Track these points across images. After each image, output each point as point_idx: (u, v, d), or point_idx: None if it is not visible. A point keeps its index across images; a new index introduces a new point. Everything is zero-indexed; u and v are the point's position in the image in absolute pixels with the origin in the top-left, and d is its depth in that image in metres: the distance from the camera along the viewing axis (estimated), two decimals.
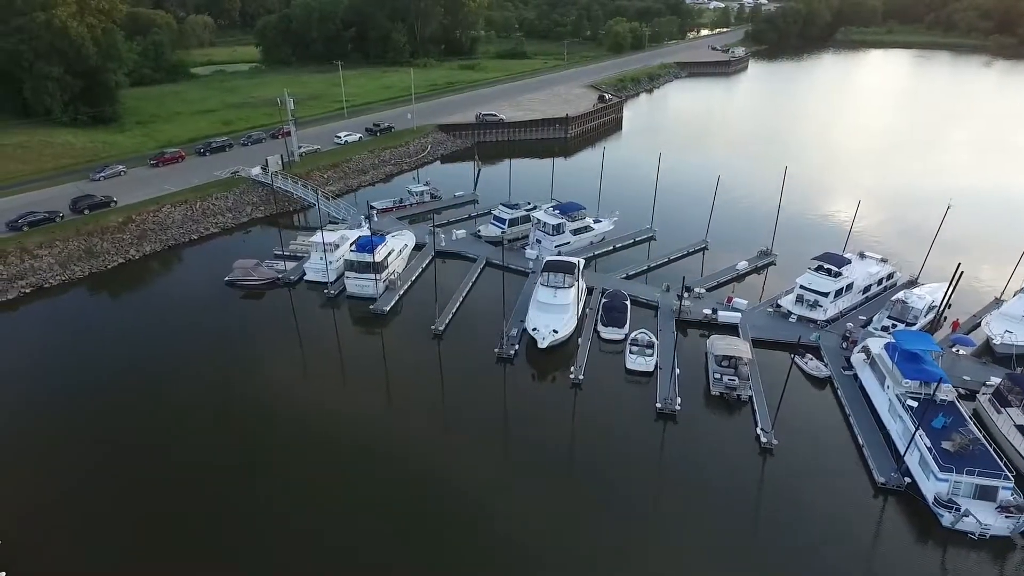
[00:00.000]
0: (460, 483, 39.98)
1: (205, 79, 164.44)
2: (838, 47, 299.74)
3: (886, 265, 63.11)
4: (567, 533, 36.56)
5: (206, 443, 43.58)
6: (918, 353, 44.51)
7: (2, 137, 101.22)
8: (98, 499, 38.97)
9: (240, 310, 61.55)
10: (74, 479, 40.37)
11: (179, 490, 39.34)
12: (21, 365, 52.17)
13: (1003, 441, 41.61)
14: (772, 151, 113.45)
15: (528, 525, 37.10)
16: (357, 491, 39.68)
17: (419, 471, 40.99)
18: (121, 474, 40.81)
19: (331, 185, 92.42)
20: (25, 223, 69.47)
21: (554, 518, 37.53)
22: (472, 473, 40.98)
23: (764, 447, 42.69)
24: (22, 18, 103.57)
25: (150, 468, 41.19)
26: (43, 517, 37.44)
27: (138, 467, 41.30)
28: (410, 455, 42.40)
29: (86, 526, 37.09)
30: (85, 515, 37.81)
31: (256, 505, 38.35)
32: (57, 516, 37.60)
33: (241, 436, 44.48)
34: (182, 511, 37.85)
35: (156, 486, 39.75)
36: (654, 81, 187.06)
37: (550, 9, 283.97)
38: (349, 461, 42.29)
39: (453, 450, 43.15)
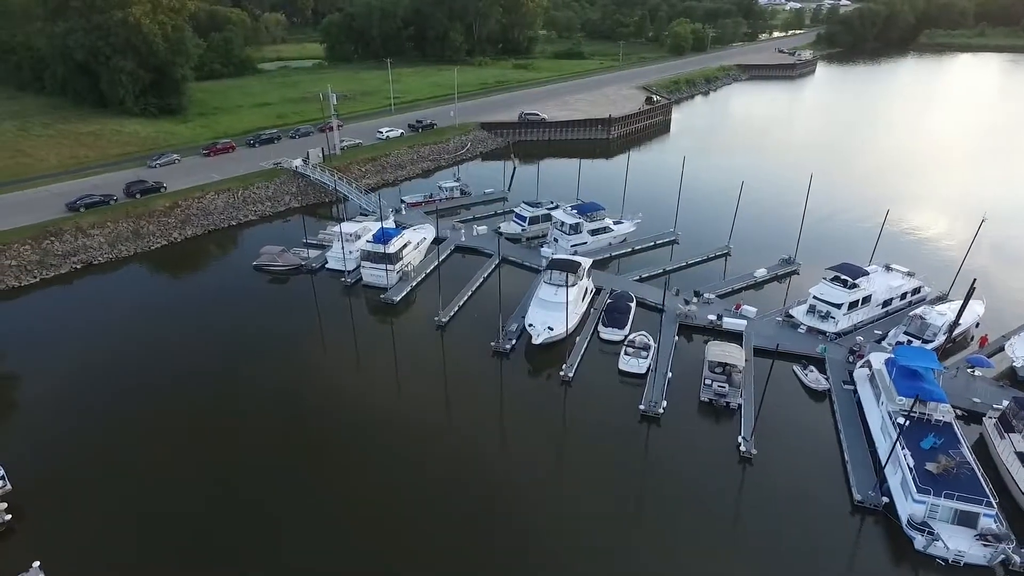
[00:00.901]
0: (431, 472, 41.22)
1: (270, 74, 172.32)
2: (921, 51, 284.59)
3: (912, 279, 60.39)
4: (527, 529, 37.25)
5: (210, 409, 46.60)
6: (917, 370, 42.73)
7: (79, 125, 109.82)
8: (127, 446, 42.51)
9: (263, 293, 64.94)
10: (102, 432, 44.28)
11: (184, 443, 42.42)
12: (66, 333, 56.98)
13: (1002, 467, 39.52)
14: (815, 157, 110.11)
15: (488, 520, 38.02)
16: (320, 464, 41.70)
17: (395, 455, 42.54)
18: (149, 426, 44.35)
19: (367, 178, 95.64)
20: (82, 204, 75.44)
21: (515, 512, 38.29)
22: (445, 463, 42.03)
23: (743, 456, 42.04)
24: (102, 16, 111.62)
25: (165, 425, 44.54)
26: (78, 469, 41.23)
27: (159, 423, 44.73)
28: (392, 440, 43.99)
29: (119, 474, 40.57)
30: (118, 464, 41.35)
31: (244, 458, 40.90)
32: (92, 467, 41.28)
33: (240, 404, 47.21)
34: (188, 461, 40.82)
35: (175, 436, 43.02)
36: (711, 84, 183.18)
37: (615, 9, 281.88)
38: (334, 442, 44.21)
39: (434, 439, 44.29)
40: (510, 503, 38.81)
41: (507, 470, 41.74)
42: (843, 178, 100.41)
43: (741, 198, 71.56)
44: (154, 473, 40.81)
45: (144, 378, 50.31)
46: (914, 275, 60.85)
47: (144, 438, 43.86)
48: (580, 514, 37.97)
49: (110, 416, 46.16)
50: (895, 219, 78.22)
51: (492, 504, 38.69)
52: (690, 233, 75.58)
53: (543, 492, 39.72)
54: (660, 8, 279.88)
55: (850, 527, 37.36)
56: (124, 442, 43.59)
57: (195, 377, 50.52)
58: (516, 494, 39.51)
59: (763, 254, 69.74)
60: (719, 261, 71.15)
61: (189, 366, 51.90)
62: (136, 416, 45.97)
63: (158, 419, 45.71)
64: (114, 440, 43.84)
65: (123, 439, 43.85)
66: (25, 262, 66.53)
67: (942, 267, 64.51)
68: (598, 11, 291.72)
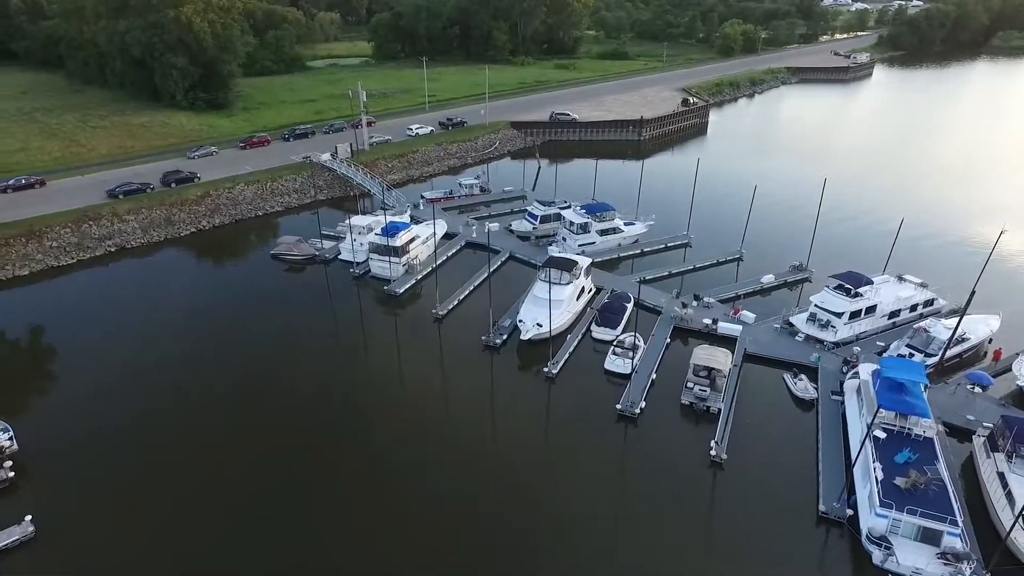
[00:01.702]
0: (402, 459, 42.53)
1: (317, 71, 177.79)
2: (994, 54, 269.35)
3: (925, 291, 58.22)
4: (486, 521, 38.12)
5: (210, 385, 49.28)
6: (903, 383, 41.42)
7: (131, 117, 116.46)
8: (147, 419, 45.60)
9: (277, 281, 67.72)
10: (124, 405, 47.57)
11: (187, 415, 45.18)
12: (96, 310, 61.30)
13: (983, 487, 38.05)
14: (847, 162, 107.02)
15: (451, 509, 39.05)
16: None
17: (371, 441, 44.11)
18: (164, 398, 47.39)
19: (393, 174, 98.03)
20: (121, 192, 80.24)
21: (477, 505, 39.21)
22: (416, 452, 43.16)
23: (713, 460, 41.71)
24: (157, 14, 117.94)
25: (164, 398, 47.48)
26: (85, 435, 44.55)
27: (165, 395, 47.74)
28: (372, 427, 45.61)
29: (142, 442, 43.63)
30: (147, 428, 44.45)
31: (236, 433, 43.23)
32: (100, 434, 44.51)
33: (236, 382, 49.69)
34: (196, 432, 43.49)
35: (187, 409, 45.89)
36: (756, 86, 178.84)
37: (668, 10, 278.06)
38: (316, 425, 46.05)
39: (410, 428, 45.45)
40: (475, 494, 39.65)
41: (478, 461, 42.57)
42: (872, 185, 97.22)
43: (760, 203, 70.64)
44: (156, 443, 43.50)
45: (158, 354, 53.64)
46: (927, 286, 58.63)
47: (150, 410, 46.71)
48: (541, 510, 38.48)
49: (123, 388, 49.36)
50: (918, 228, 76.17)
51: (457, 492, 39.61)
52: (706, 237, 74.50)
53: (511, 485, 40.38)
54: (716, 8, 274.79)
55: (812, 538, 36.71)
56: (132, 413, 46.49)
57: (201, 356, 53.62)
58: (485, 485, 40.36)
59: (776, 260, 68.37)
60: (730, 266, 69.99)
61: (199, 345, 55.11)
62: (147, 389, 49.07)
63: (167, 392, 48.70)
64: (124, 411, 46.76)
65: (132, 410, 46.78)
66: (65, 244, 71.36)
67: (965, 279, 61.68)
68: (649, 12, 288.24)
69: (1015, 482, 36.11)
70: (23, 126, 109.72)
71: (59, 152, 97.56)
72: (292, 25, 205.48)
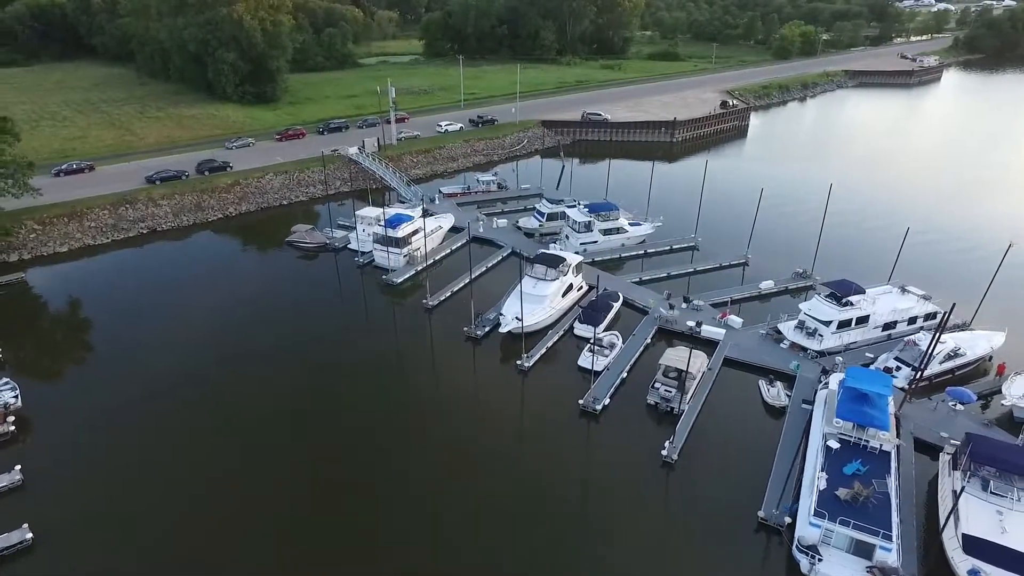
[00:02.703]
0: (364, 442, 44.38)
1: (367, 68, 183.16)
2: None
3: (927, 303, 55.91)
4: (421, 506, 39.49)
5: (207, 358, 52.65)
6: (867, 394, 40.34)
7: (184, 109, 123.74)
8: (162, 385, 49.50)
9: (287, 266, 71.14)
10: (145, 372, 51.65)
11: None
12: (124, 286, 66.39)
13: (940, 504, 36.73)
14: (879, 169, 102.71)
15: (394, 490, 40.62)
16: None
17: (338, 426, 46.20)
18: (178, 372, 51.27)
19: (417, 169, 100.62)
20: (158, 178, 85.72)
21: (421, 490, 40.65)
22: (380, 435, 44.92)
23: (665, 461, 41.71)
24: (211, 12, 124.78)
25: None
26: (89, 398, 48.67)
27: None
28: (344, 409, 47.69)
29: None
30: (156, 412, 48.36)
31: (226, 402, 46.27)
32: (103, 398, 48.57)
33: (231, 358, 52.85)
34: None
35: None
36: (808, 89, 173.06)
37: (730, 10, 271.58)
38: (293, 404, 48.53)
39: (378, 412, 47.27)
40: (424, 477, 41.08)
41: (437, 447, 43.80)
42: (898, 192, 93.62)
43: (775, 209, 69.93)
44: (156, 414, 46.77)
45: (170, 329, 57.70)
46: (931, 299, 56.28)
47: (156, 381, 50.26)
48: (480, 498, 39.43)
49: (134, 360, 53.22)
50: (937, 240, 73.42)
51: (404, 477, 41.13)
52: (716, 240, 73.39)
53: (459, 472, 41.58)
54: (783, 8, 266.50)
55: (747, 545, 36.32)
56: (138, 384, 50.10)
57: (209, 332, 57.28)
58: (435, 469, 41.74)
59: (783, 266, 66.91)
60: (735, 271, 68.90)
61: (207, 322, 58.88)
62: (154, 364, 52.67)
63: (170, 367, 52.24)
64: (131, 381, 50.43)
65: (138, 381, 50.41)
66: (102, 224, 76.99)
67: (978, 294, 58.88)
68: (706, 12, 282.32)
69: (964, 501, 34.77)
70: (87, 116, 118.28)
71: (113, 140, 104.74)
72: (349, 23, 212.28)
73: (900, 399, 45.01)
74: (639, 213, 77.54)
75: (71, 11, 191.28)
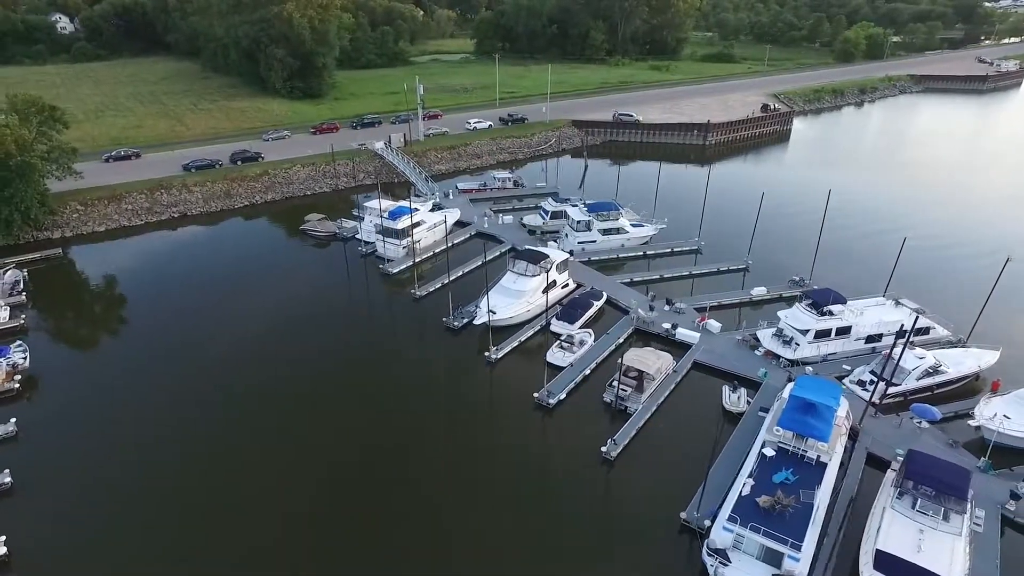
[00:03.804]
0: (326, 424, 46.63)
1: (417, 66, 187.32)
2: None
3: (921, 317, 53.44)
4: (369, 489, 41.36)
5: (204, 331, 56.53)
6: (814, 404, 39.50)
7: (234, 102, 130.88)
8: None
9: (300, 252, 74.97)
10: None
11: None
12: (152, 264, 71.89)
13: (869, 518, 35.69)
14: (918, 179, 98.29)
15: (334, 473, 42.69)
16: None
17: (299, 404, 48.74)
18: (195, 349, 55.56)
19: (440, 164, 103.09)
20: (194, 166, 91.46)
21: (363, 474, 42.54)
22: (341, 418, 46.99)
23: (605, 458, 42.08)
24: (264, 10, 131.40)
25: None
26: (96, 363, 53.35)
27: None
28: (308, 391, 50.09)
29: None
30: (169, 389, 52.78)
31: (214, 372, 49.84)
32: (110, 363, 53.17)
33: (224, 335, 56.46)
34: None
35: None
36: (866, 94, 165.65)
37: (799, 11, 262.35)
38: (271, 383, 51.46)
39: (349, 397, 49.48)
40: (370, 464, 42.87)
41: (391, 433, 45.55)
42: (922, 203, 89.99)
43: (782, 215, 67.82)
44: (155, 380, 50.78)
45: (182, 305, 62.27)
46: (924, 313, 53.91)
47: (161, 354, 54.39)
48: (414, 483, 40.82)
49: (145, 331, 58.21)
50: (949, 253, 69.90)
51: (351, 459, 43.13)
52: (720, 244, 72.30)
53: (408, 452, 43.31)
54: (860, 9, 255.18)
55: (666, 545, 36.34)
56: (145, 352, 54.63)
57: (212, 310, 61.46)
58: (383, 456, 43.55)
59: (783, 273, 65.40)
60: (733, 275, 67.74)
61: (215, 301, 63.03)
62: (164, 334, 57.34)
63: (174, 341, 56.42)
64: (139, 350, 55.08)
65: (147, 350, 54.90)
66: (138, 208, 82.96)
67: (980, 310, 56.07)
68: (771, 14, 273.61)
69: (890, 517, 33.86)
70: (146, 107, 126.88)
71: (164, 130, 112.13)
72: (407, 21, 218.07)
73: (862, 412, 43.73)
74: (647, 215, 77.20)
75: (150, 9, 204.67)
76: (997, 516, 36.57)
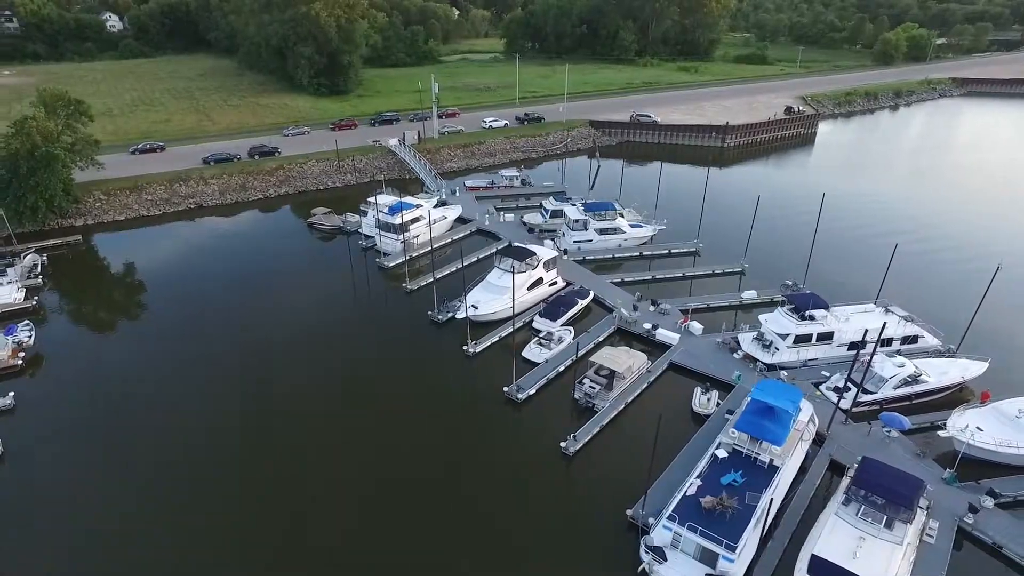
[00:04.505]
0: (301, 409, 48.26)
1: (446, 65, 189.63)
2: None
3: (910, 325, 52.42)
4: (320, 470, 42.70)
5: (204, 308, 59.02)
6: (772, 407, 39.17)
7: (263, 98, 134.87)
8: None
9: (306, 244, 77.22)
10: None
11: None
12: (167, 253, 75.17)
13: (816, 524, 35.30)
14: (924, 185, 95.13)
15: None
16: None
17: (275, 391, 50.50)
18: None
19: (453, 162, 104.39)
20: (213, 160, 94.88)
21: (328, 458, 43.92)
22: (314, 403, 48.48)
23: (563, 452, 42.49)
24: (292, 10, 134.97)
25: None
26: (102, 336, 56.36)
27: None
28: (287, 376, 51.94)
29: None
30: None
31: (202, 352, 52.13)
32: (115, 340, 56.11)
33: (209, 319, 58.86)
34: None
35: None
36: (902, 98, 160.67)
37: (849, 11, 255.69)
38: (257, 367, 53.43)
39: (314, 383, 50.79)
40: (331, 443, 44.30)
41: (357, 420, 46.77)
42: (939, 212, 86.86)
43: (787, 219, 67.00)
44: (153, 361, 53.42)
45: (187, 293, 65.28)
46: (913, 320, 52.71)
47: (162, 339, 57.15)
48: (378, 473, 41.83)
49: (152, 315, 61.58)
50: (956, 263, 67.86)
51: (309, 442, 44.53)
52: (719, 247, 71.64)
53: (366, 443, 44.42)
54: (910, 10, 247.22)
55: (610, 541, 36.44)
56: (150, 336, 57.61)
57: (214, 297, 64.40)
58: (345, 441, 44.86)
59: (779, 277, 64.58)
60: (726, 279, 67.11)
61: (219, 289, 65.99)
62: (168, 320, 60.26)
63: (173, 328, 59.01)
64: (144, 335, 58.26)
65: (151, 335, 57.94)
66: (157, 198, 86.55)
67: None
68: (813, 14, 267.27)
69: (832, 523, 33.54)
70: (178, 102, 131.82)
71: (192, 124, 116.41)
72: (440, 21, 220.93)
73: (829, 418, 43.10)
74: (650, 215, 76.97)
75: (194, 8, 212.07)
76: (953, 528, 35.71)
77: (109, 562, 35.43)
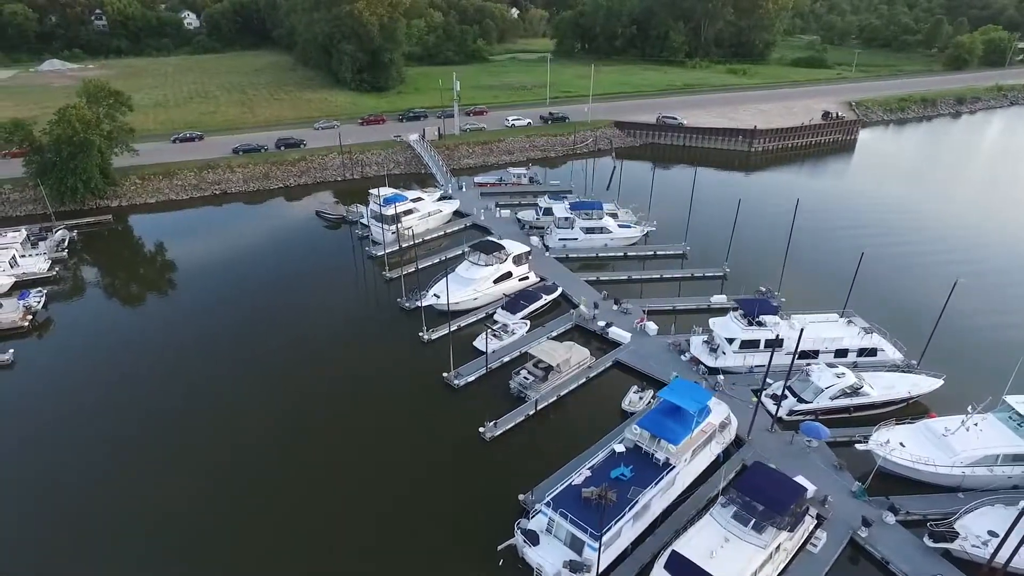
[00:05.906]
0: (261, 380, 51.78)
1: (492, 64, 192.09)
2: None
3: (869, 337, 50.84)
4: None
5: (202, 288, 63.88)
6: (678, 407, 39.30)
7: (305, 93, 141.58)
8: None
9: (311, 232, 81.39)
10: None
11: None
12: (190, 233, 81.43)
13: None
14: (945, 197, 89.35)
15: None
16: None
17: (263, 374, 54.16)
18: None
19: (470, 159, 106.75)
20: (241, 150, 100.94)
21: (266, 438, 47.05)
22: (289, 381, 51.94)
23: (481, 438, 43.98)
24: (337, 8, 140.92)
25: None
26: (108, 310, 62.22)
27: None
28: (260, 350, 55.62)
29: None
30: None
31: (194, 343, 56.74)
32: (122, 314, 61.89)
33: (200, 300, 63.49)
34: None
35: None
36: (965, 105, 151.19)
37: (936, 10, 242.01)
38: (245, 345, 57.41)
39: (306, 361, 53.96)
40: (269, 429, 47.40)
41: (297, 399, 49.44)
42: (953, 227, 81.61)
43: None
44: (148, 333, 58.50)
45: (193, 273, 70.53)
46: (872, 333, 51.05)
47: (164, 314, 62.80)
48: (306, 453, 44.70)
49: (160, 290, 67.41)
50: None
51: (245, 420, 47.81)
52: (710, 251, 70.87)
53: (309, 425, 47.21)
54: (1006, 11, 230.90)
55: (501, 523, 37.48)
56: (155, 309, 63.24)
57: (219, 277, 69.52)
58: (282, 419, 47.90)
59: (758, 283, 63.38)
60: (708, 282, 66.41)
61: (223, 268, 71.08)
62: (171, 297, 66.21)
63: (174, 306, 64.93)
64: (152, 307, 64.10)
65: (157, 308, 63.71)
66: (186, 184, 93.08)
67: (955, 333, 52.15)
68: (892, 13, 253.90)
69: (704, 522, 33.84)
70: (228, 95, 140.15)
71: (234, 116, 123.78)
72: (494, 20, 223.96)
73: (749, 424, 42.72)
74: (644, 217, 76.89)
75: (263, 6, 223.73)
76: (844, 539, 35.07)
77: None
